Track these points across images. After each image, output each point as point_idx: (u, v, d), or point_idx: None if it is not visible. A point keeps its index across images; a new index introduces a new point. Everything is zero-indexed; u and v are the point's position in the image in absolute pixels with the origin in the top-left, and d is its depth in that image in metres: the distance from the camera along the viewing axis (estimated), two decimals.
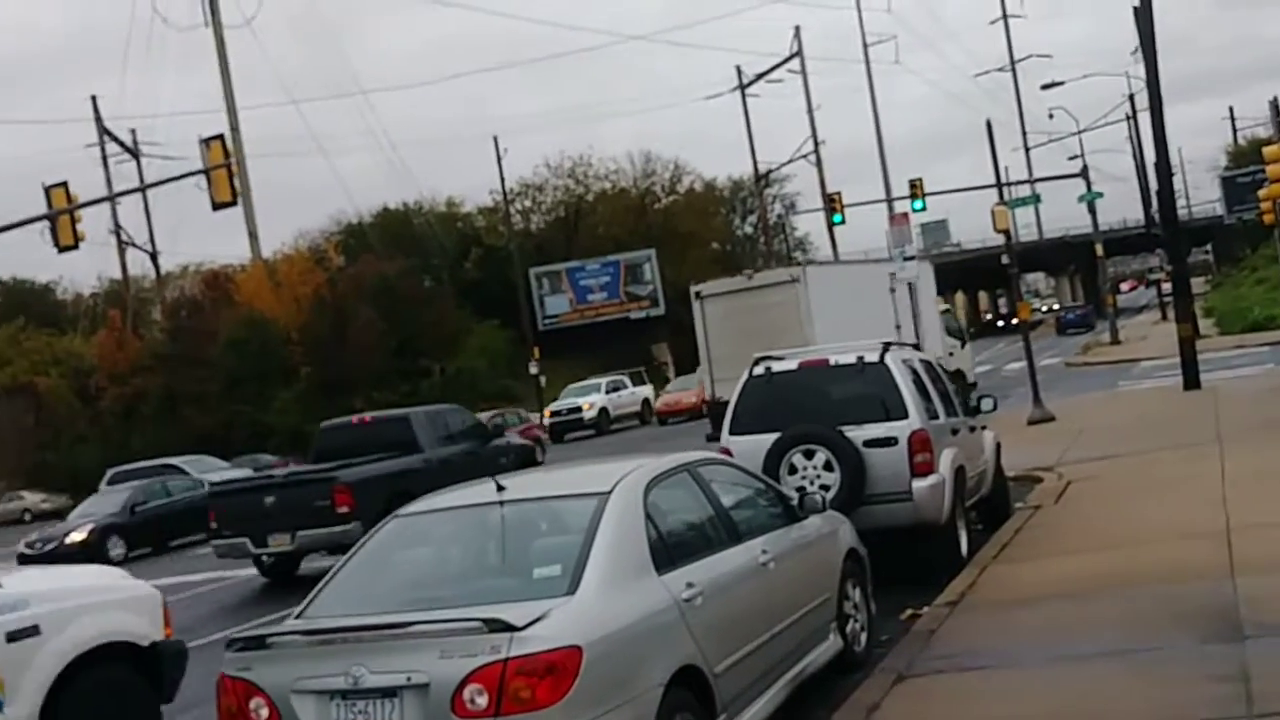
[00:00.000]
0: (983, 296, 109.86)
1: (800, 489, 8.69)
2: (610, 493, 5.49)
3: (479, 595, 5.13)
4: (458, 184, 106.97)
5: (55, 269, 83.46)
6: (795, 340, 15.19)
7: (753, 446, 9.35)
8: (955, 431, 10.21)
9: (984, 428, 11.54)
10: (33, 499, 47.49)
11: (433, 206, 64.23)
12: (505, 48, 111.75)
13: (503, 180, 53.50)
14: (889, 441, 9.28)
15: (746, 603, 5.92)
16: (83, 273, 79.77)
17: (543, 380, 49.49)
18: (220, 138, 26.39)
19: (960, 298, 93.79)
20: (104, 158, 55.82)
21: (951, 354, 23.84)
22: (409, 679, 4.55)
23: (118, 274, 58.78)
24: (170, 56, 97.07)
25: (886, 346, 9.93)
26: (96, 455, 44.98)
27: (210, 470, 36.11)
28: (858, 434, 9.29)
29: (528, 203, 66.00)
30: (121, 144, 56.22)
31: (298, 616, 5.31)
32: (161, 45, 76.70)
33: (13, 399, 51.66)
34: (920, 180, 40.95)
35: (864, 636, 7.43)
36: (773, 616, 6.13)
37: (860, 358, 9.81)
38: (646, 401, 43.73)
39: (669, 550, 5.54)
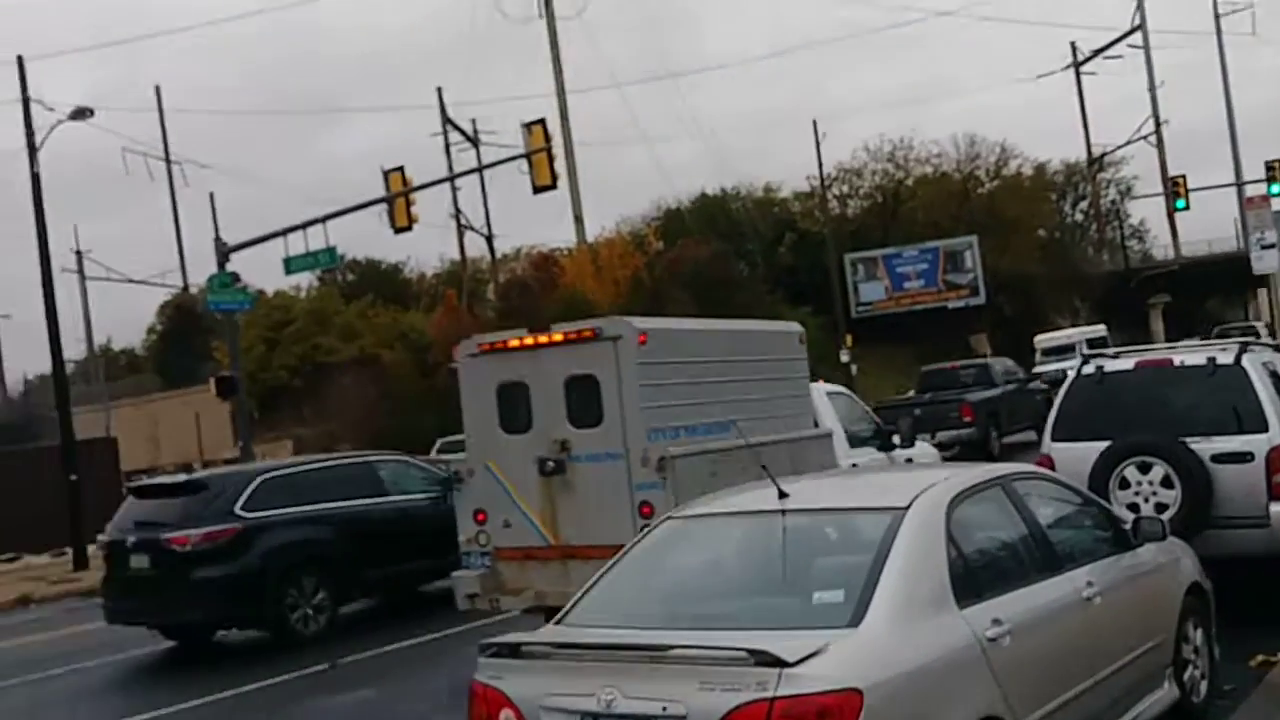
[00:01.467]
0: None
1: (1133, 507, 8.00)
2: (907, 508, 4.90)
3: (750, 617, 4.75)
4: (777, 169, 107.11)
5: (404, 250, 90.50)
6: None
7: (1078, 456, 8.52)
8: None
9: None
10: None
11: (750, 192, 64.52)
12: (833, 31, 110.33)
13: (820, 164, 52.99)
14: (1243, 457, 8.22)
15: (1064, 644, 5.21)
16: (429, 254, 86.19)
17: (854, 369, 48.69)
18: (541, 122, 27.26)
19: None
20: (446, 146, 59.80)
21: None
22: (664, 709, 4.22)
23: (457, 255, 63.02)
24: (508, 49, 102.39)
25: (1244, 346, 8.80)
26: (434, 425, 48.39)
27: None
28: (1204, 447, 8.33)
29: (845, 188, 64.96)
30: (462, 132, 59.97)
31: (557, 622, 5.08)
32: (499, 38, 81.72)
33: (362, 369, 56.40)
34: (1278, 162, 37.14)
35: (1204, 685, 6.57)
36: (1096, 660, 5.39)
37: (1211, 359, 8.71)
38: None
39: (973, 579, 4.90)
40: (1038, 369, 42.16)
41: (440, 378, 54.24)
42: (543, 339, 8.98)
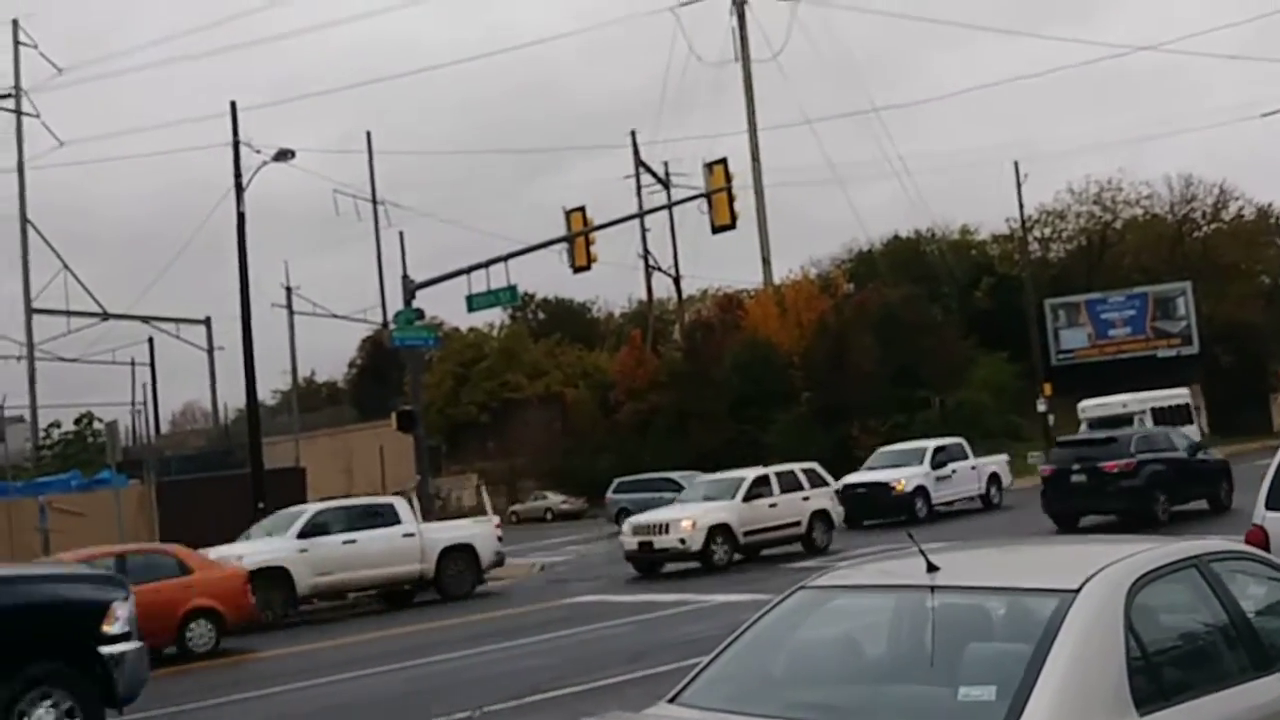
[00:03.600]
0: None
1: None
2: (1078, 591, 4.11)
3: (882, 711, 4.14)
4: (977, 212, 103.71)
5: (594, 290, 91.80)
6: None
7: None
8: None
9: None
10: (554, 499, 51.98)
11: (945, 234, 62.52)
12: (1042, 74, 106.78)
13: (1021, 206, 50.73)
14: None
15: None
16: (618, 294, 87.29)
17: (1051, 419, 46.10)
18: (723, 162, 26.97)
19: None
20: (638, 187, 60.01)
21: None
22: None
23: (645, 296, 63.13)
24: (703, 93, 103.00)
25: None
26: (612, 464, 48.25)
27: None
28: None
29: (1047, 230, 62.15)
30: (652, 173, 60.12)
31: (671, 699, 4.51)
32: (698, 83, 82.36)
33: (546, 406, 56.95)
34: None
35: None
36: None
37: None
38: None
39: (1159, 679, 4.08)
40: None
41: (622, 416, 54.49)
42: None
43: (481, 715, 9.83)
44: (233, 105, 27.63)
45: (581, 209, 28.73)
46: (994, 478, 31.41)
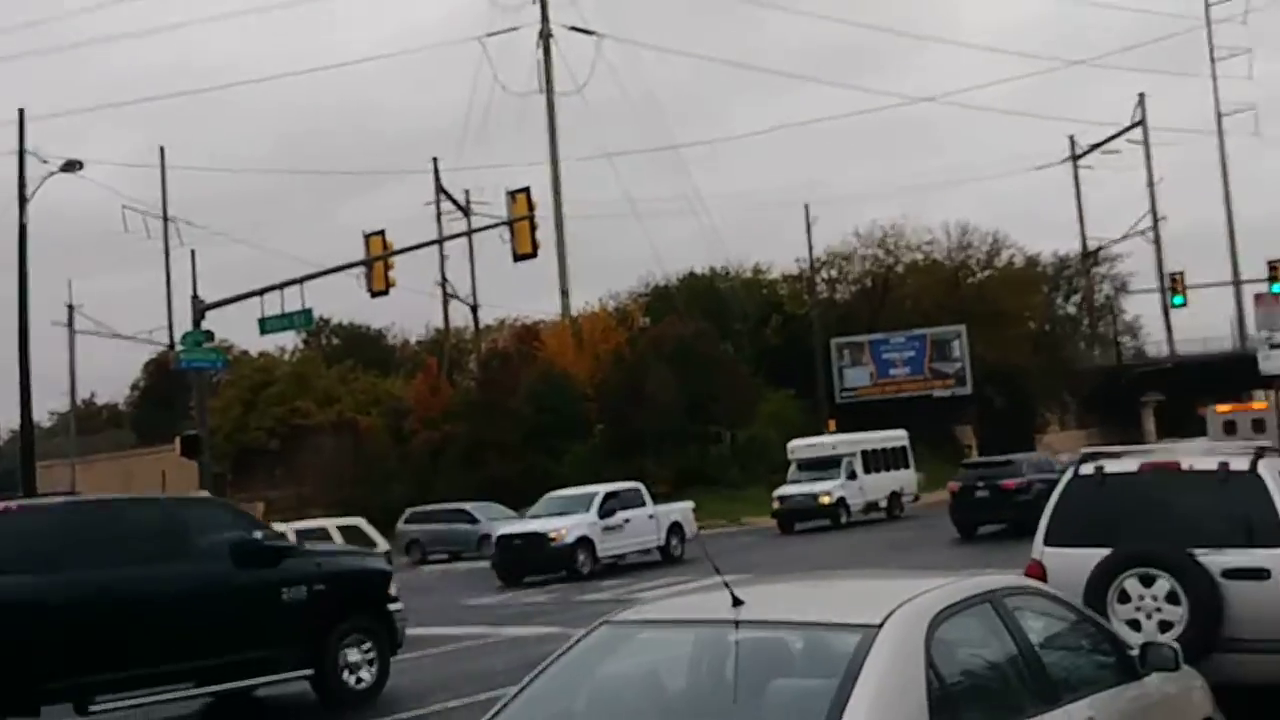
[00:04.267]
0: None
1: (1133, 624, 7.38)
2: (880, 626, 4.16)
3: None
4: (769, 251, 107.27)
5: (391, 316, 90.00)
6: None
7: (1073, 564, 7.78)
8: None
9: None
10: None
11: (739, 272, 64.35)
12: (838, 119, 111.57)
13: (810, 248, 52.90)
14: (1259, 574, 7.44)
15: None
16: (414, 321, 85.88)
17: None
18: (525, 191, 27.01)
19: None
20: (438, 214, 59.48)
21: None
22: None
23: (441, 323, 62.50)
24: (508, 123, 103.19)
25: (1261, 451, 8.05)
26: (404, 493, 47.39)
27: (496, 516, 37.25)
28: (1215, 560, 7.53)
29: (834, 272, 64.84)
30: (453, 200, 59.74)
31: None
32: (501, 113, 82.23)
33: (337, 433, 55.51)
34: None
35: None
36: None
37: (1224, 464, 7.91)
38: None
39: (957, 714, 4.17)
40: (782, 490, 35.67)
41: (416, 445, 53.66)
42: None
43: None
44: (20, 113, 26.45)
45: (381, 233, 28.23)
46: (675, 528, 27.95)
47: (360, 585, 12.12)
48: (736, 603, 4.40)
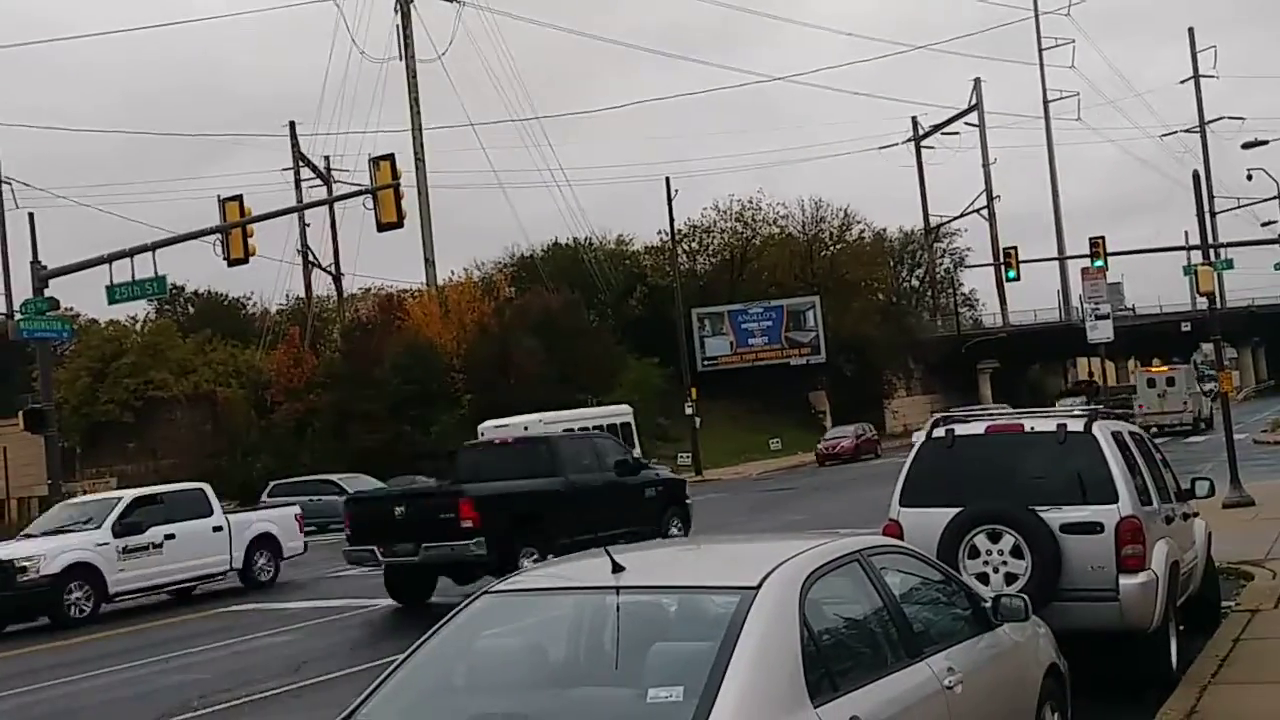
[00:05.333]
0: (1156, 364, 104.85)
1: (982, 577, 7.90)
2: (758, 588, 4.22)
3: (569, 716, 4.13)
4: (631, 224, 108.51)
5: (251, 285, 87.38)
6: None
7: (927, 522, 8.20)
8: (1169, 519, 8.75)
9: (1196, 514, 9.87)
10: None
11: (603, 243, 65.09)
12: (696, 96, 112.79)
13: (671, 220, 53.90)
14: (1092, 528, 7.94)
15: None
16: (276, 291, 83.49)
17: (698, 421, 49.36)
18: (389, 158, 26.21)
19: (1132, 364, 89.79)
20: (297, 182, 58.40)
21: None
22: None
23: (304, 293, 61.46)
24: (367, 90, 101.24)
25: (1094, 414, 8.69)
26: (268, 466, 46.83)
27: (363, 488, 37.25)
28: (1054, 516, 7.99)
29: (694, 244, 66.18)
30: (313, 167, 58.71)
31: (345, 718, 4.34)
32: (361, 79, 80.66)
33: (194, 407, 54.27)
34: (1102, 239, 39.50)
35: None
36: None
37: (1061, 425, 8.39)
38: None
39: (829, 671, 4.26)
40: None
41: (278, 417, 52.87)
42: None
43: None
44: None
45: (238, 198, 26.86)
46: (263, 541, 20.30)
47: (676, 488, 19.32)
48: (616, 569, 4.42)
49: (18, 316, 29.41)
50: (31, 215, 38.40)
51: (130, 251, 25.49)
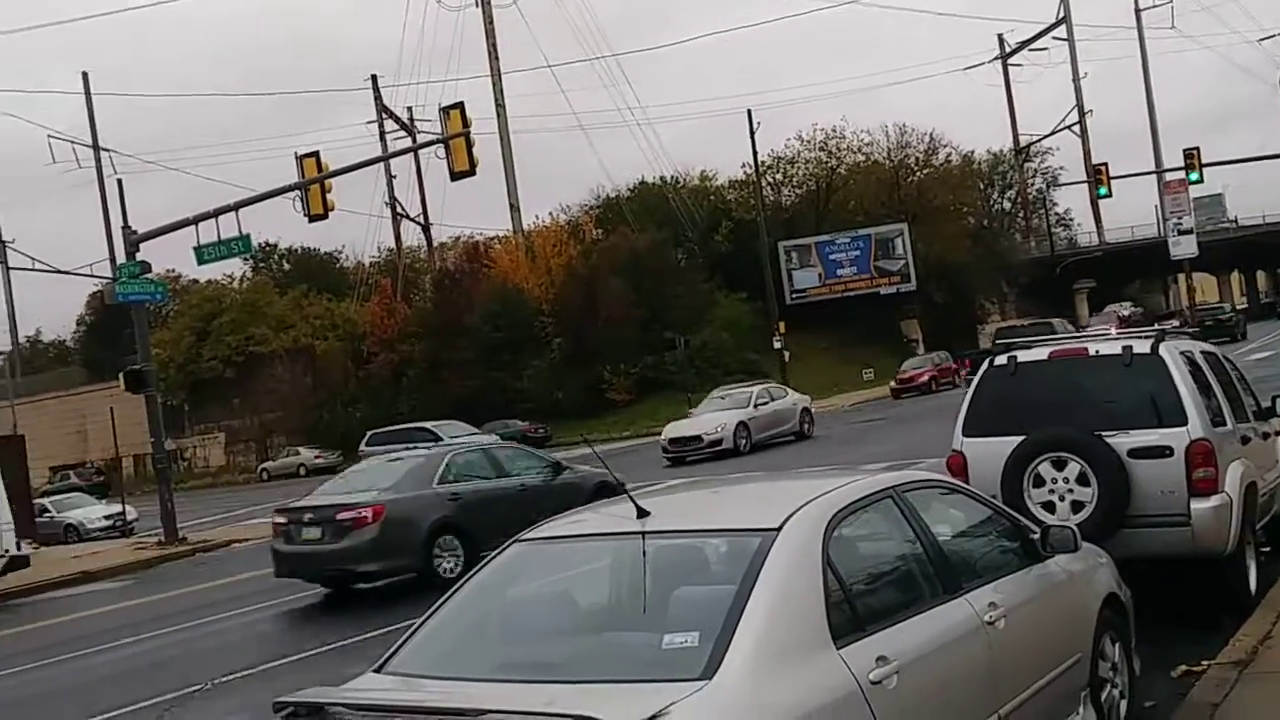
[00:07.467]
0: (1261, 276, 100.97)
1: (1048, 506, 7.67)
2: (779, 530, 4.14)
3: (590, 666, 4.04)
4: (714, 158, 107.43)
5: (344, 239, 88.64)
6: None
7: (990, 451, 7.94)
8: (1245, 440, 8.40)
9: (1277, 434, 9.42)
10: (307, 455, 51.18)
11: (686, 181, 64.63)
12: (774, 25, 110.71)
13: (755, 153, 53.23)
14: (1162, 451, 7.64)
15: (963, 676, 4.48)
16: (366, 243, 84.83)
17: (787, 355, 49.06)
18: (459, 106, 25.90)
19: (1236, 277, 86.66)
20: (382, 134, 58.98)
21: None
22: None
23: (394, 244, 62.38)
24: (444, 40, 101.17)
25: (1162, 334, 8.36)
26: (366, 416, 47.88)
27: (459, 434, 37.90)
28: (1121, 441, 7.69)
29: (779, 176, 65.31)
30: (398, 120, 59.18)
31: (378, 669, 4.37)
32: (441, 29, 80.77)
33: (294, 360, 55.66)
34: (1197, 150, 37.96)
35: (1123, 705, 5.84)
36: (1001, 691, 4.68)
37: (1128, 348, 8.05)
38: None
39: (855, 611, 4.16)
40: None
41: (374, 368, 53.94)
42: None
43: (213, 689, 9.39)
44: None
45: (315, 154, 26.95)
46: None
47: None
48: (641, 514, 4.39)
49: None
50: (120, 182, 39.41)
51: (215, 212, 25.69)
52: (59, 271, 53.64)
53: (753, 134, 51.25)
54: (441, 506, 13.52)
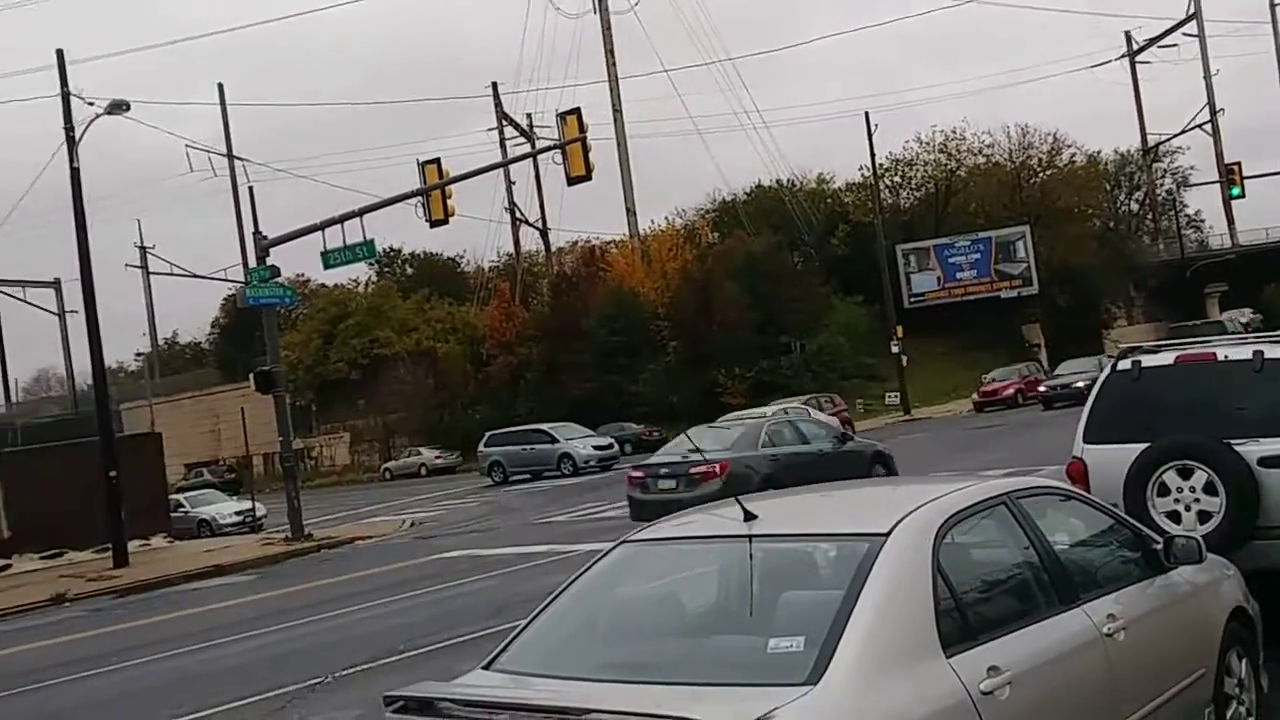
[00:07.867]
0: None
1: (1173, 516, 7.38)
2: (888, 535, 4.08)
3: (694, 669, 4.03)
4: (832, 162, 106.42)
5: (464, 243, 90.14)
6: None
7: (1112, 459, 7.62)
8: None
9: None
10: (429, 455, 52.28)
11: (803, 184, 64.18)
12: (887, 26, 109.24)
13: (873, 155, 52.55)
14: None
15: (1079, 689, 4.38)
16: (486, 247, 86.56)
17: (904, 359, 48.33)
18: (576, 112, 26.20)
19: None
20: (502, 140, 59.88)
21: None
22: None
23: (512, 249, 63.32)
24: (563, 47, 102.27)
25: None
26: (485, 417, 48.70)
27: (574, 436, 38.41)
28: (1251, 450, 7.32)
29: (897, 179, 64.40)
30: (517, 126, 60.07)
31: (486, 665, 4.41)
32: (559, 36, 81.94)
33: (416, 363, 56.89)
34: None
35: None
36: (1120, 706, 4.55)
37: (1259, 352, 7.65)
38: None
39: (965, 620, 4.06)
40: None
41: (493, 370, 54.85)
42: None
43: (332, 682, 9.68)
44: (59, 54, 25.05)
45: (436, 161, 27.68)
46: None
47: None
48: (749, 517, 4.39)
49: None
50: (251, 189, 40.77)
51: (341, 218, 26.38)
52: (195, 276, 55.89)
53: (870, 136, 50.62)
54: (767, 464, 16.37)
